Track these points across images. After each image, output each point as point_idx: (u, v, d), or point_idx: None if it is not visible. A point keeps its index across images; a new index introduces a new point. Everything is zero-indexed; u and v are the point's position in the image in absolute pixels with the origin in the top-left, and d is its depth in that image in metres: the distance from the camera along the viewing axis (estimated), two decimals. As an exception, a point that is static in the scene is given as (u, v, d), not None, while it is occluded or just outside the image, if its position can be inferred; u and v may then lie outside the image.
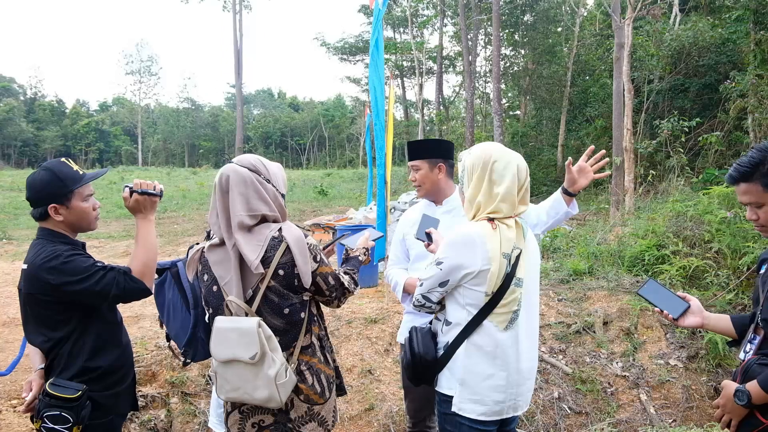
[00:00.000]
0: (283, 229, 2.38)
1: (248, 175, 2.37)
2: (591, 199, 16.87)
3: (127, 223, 16.96)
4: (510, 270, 2.36)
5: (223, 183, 2.37)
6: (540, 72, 26.08)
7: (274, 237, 2.34)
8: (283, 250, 2.32)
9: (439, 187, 3.33)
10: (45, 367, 2.50)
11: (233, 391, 2.33)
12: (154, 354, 5.32)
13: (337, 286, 2.51)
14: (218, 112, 75.55)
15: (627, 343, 5.71)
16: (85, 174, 2.57)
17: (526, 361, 2.46)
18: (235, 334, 2.27)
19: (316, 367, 2.44)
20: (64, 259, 2.35)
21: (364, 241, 3.04)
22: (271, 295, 2.33)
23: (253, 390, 2.28)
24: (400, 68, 38.76)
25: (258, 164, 2.43)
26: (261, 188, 2.38)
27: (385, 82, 7.86)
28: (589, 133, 22.08)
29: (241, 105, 40.90)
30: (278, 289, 2.33)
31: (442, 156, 3.33)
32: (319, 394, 2.43)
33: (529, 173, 2.53)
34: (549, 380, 5.29)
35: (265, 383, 2.25)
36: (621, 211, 11.77)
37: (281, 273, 2.33)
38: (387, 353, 5.72)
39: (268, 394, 2.25)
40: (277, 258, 2.31)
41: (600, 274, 7.27)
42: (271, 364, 2.25)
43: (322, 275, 2.44)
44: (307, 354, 2.43)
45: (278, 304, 2.34)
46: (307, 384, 2.40)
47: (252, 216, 2.34)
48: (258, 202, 2.36)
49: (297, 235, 2.37)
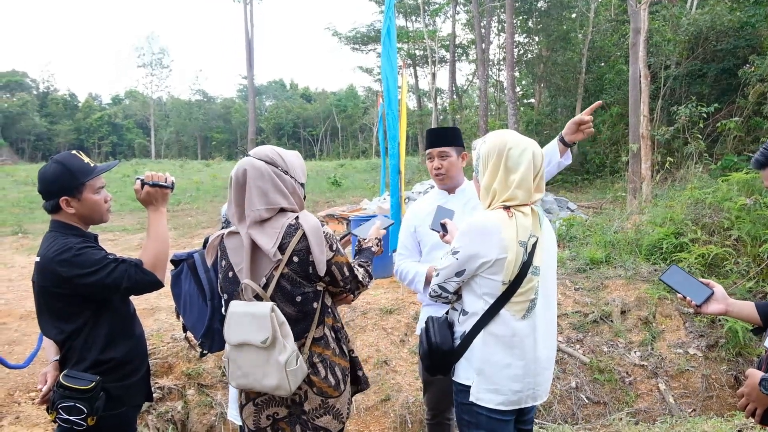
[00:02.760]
0: (300, 217, 2.39)
1: (265, 168, 2.37)
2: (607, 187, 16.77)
3: (141, 216, 17.05)
4: (527, 258, 2.34)
5: (240, 177, 2.37)
6: (554, 59, 25.87)
7: (290, 224, 2.35)
8: (299, 237, 2.32)
9: (459, 176, 3.32)
10: (59, 359, 2.52)
11: (243, 377, 2.33)
12: (170, 346, 5.35)
13: (351, 278, 2.50)
14: (230, 104, 75.73)
15: (645, 332, 5.67)
16: (96, 166, 2.58)
17: (544, 350, 2.45)
18: (248, 318, 2.27)
19: (329, 359, 2.43)
20: (76, 252, 2.37)
21: (375, 230, 3.02)
22: (284, 282, 2.33)
23: (263, 376, 2.27)
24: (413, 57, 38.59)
25: (275, 156, 2.43)
26: (279, 181, 2.38)
27: (398, 72, 7.83)
28: (605, 120, 21.89)
29: (253, 96, 41.01)
30: (292, 276, 2.33)
31: (463, 145, 3.33)
32: (333, 386, 2.42)
33: (544, 160, 2.50)
34: (566, 370, 5.27)
35: (275, 369, 2.24)
36: (638, 198, 11.68)
37: (296, 260, 2.32)
38: (403, 344, 5.72)
39: (278, 380, 2.25)
40: (292, 244, 2.31)
41: (617, 262, 7.22)
42: (282, 349, 2.25)
43: (337, 265, 2.43)
44: (320, 345, 2.42)
45: (291, 291, 2.34)
46: (320, 377, 2.39)
47: (270, 209, 2.35)
48: (276, 195, 2.37)
49: (313, 222, 2.38)
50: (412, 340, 5.70)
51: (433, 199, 3.36)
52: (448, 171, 3.27)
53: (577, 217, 11.09)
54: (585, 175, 22.15)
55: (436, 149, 3.30)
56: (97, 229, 2.78)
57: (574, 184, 21.52)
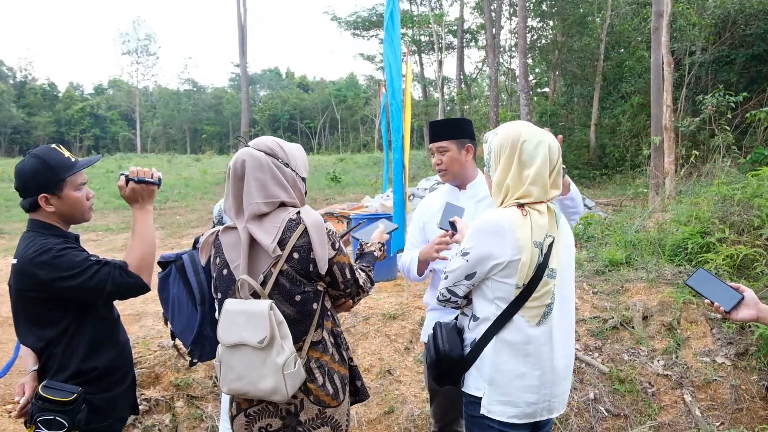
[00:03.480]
0: (301, 212, 2.40)
1: (265, 160, 2.39)
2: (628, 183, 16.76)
3: (126, 214, 17.07)
4: (542, 260, 2.34)
5: (238, 168, 2.39)
6: (570, 45, 25.83)
7: (291, 219, 2.37)
8: (300, 233, 2.34)
9: (466, 171, 3.29)
10: (38, 369, 2.51)
11: (237, 380, 2.33)
12: (158, 354, 5.35)
13: (353, 281, 2.51)
14: (222, 94, 75.96)
15: (669, 339, 5.65)
16: (77, 161, 2.57)
17: (561, 359, 2.44)
18: (245, 317, 2.28)
19: (328, 366, 2.43)
20: (56, 253, 2.36)
21: (378, 235, 3.03)
22: (283, 280, 2.34)
23: (259, 379, 2.28)
24: (418, 43, 38.57)
25: (275, 147, 2.45)
26: (279, 173, 2.40)
27: (402, 59, 7.81)
28: (624, 110, 21.87)
29: (246, 86, 40.97)
30: (291, 274, 2.34)
31: (468, 136, 3.29)
32: (331, 395, 2.41)
33: (561, 154, 2.49)
34: (584, 380, 5.26)
35: (272, 371, 2.25)
36: (661, 195, 11.65)
37: (296, 256, 2.33)
38: (407, 352, 5.71)
39: (274, 383, 2.25)
40: (293, 240, 2.33)
41: (639, 264, 7.20)
42: (280, 350, 2.25)
43: (339, 265, 2.44)
44: (318, 350, 2.42)
45: (289, 290, 2.35)
46: (317, 384, 2.39)
47: (269, 203, 2.37)
48: (276, 188, 2.38)
49: (316, 218, 2.39)
50: (418, 347, 5.69)
51: (444, 195, 3.35)
52: (448, 166, 3.25)
53: (596, 215, 11.08)
54: (603, 170, 22.12)
55: (434, 144, 3.29)
56: (79, 228, 2.78)
57: (591, 180, 21.49)
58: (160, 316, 2.89)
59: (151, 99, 76.52)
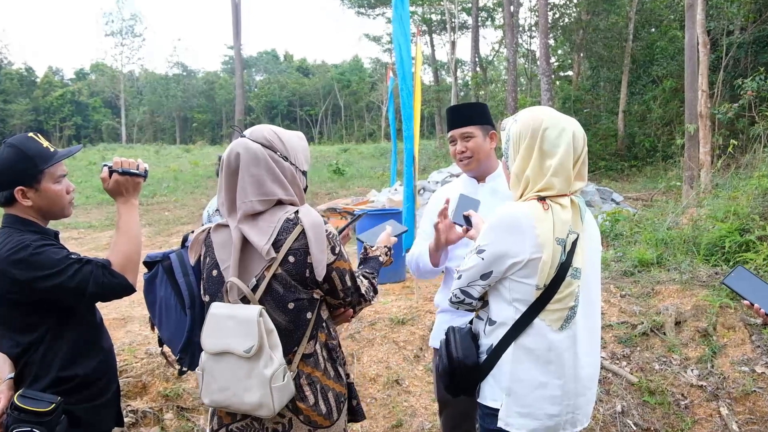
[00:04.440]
0: (300, 211, 2.38)
1: (262, 153, 2.37)
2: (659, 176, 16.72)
3: (110, 210, 17.12)
4: (565, 258, 2.33)
5: (232, 161, 2.37)
6: (596, 24, 25.78)
7: (288, 219, 2.35)
8: (297, 234, 2.32)
9: (490, 161, 3.29)
10: (14, 377, 2.51)
11: (220, 392, 2.32)
12: (145, 362, 5.36)
13: (353, 289, 2.49)
14: (214, 78, 76.08)
15: (704, 346, 5.64)
16: (56, 151, 2.58)
17: (585, 367, 2.43)
18: (232, 323, 2.27)
19: (321, 383, 2.41)
20: (33, 251, 2.36)
21: (385, 238, 3.01)
22: (276, 285, 2.33)
23: (244, 391, 2.26)
24: (429, 23, 38.58)
25: (273, 138, 2.43)
26: (276, 168, 2.38)
27: (411, 40, 7.81)
28: (655, 96, 21.84)
29: (240, 70, 41.07)
30: (285, 278, 2.32)
31: (491, 123, 3.29)
32: (324, 415, 2.40)
33: (586, 143, 2.48)
34: (610, 391, 5.25)
35: (259, 383, 2.23)
36: (695, 188, 11.63)
37: (291, 260, 2.32)
38: (417, 360, 5.72)
39: (260, 397, 2.23)
40: (289, 242, 2.31)
41: (671, 264, 7.19)
42: (268, 361, 2.23)
43: (338, 271, 2.42)
44: (309, 365, 2.40)
45: (283, 296, 2.33)
46: (308, 403, 2.37)
47: (264, 201, 2.36)
48: (272, 185, 2.37)
49: (315, 219, 2.37)
50: (428, 355, 5.70)
51: (462, 186, 3.34)
52: (474, 153, 3.23)
53: (624, 210, 11.06)
54: (632, 161, 22.10)
55: (458, 130, 3.26)
56: (59, 225, 2.79)
57: (619, 172, 21.47)
58: (147, 321, 2.89)
59: (137, 84, 76.73)
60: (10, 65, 74.22)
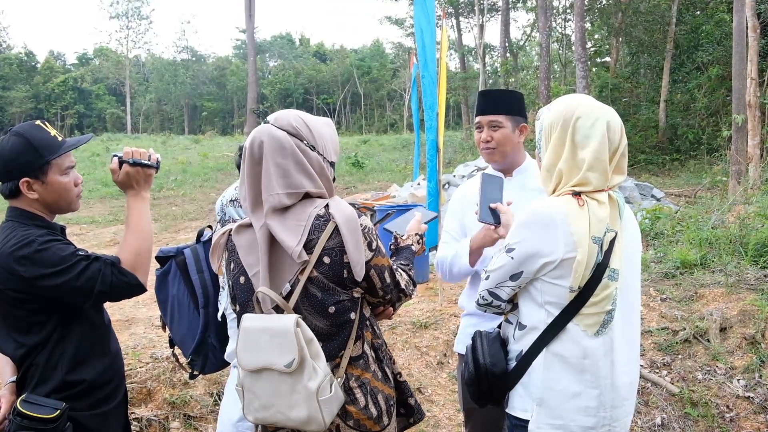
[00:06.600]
0: (330, 205, 2.33)
1: (288, 141, 2.31)
2: (704, 170, 16.59)
3: (114, 204, 17.27)
4: (602, 258, 2.32)
5: (255, 150, 2.32)
6: (636, 6, 25.58)
7: (319, 215, 2.30)
8: (330, 232, 2.27)
9: (518, 154, 3.28)
10: (17, 380, 2.53)
11: (264, 409, 2.28)
12: (150, 367, 5.40)
13: (393, 285, 2.46)
14: (225, 64, 76.23)
15: (751, 355, 5.61)
16: (64, 141, 2.58)
17: (623, 376, 2.42)
18: (267, 336, 2.22)
19: (370, 384, 2.38)
20: (39, 246, 2.37)
21: (416, 225, 2.94)
22: (313, 289, 2.29)
23: (289, 408, 2.22)
24: (455, 5, 38.44)
25: (300, 126, 2.36)
26: (303, 158, 2.32)
27: (436, 24, 7.81)
28: (700, 84, 21.65)
29: (253, 55, 41.20)
30: (322, 281, 2.28)
31: (524, 114, 3.28)
32: (374, 419, 2.36)
33: (624, 133, 2.47)
34: (650, 402, 5.24)
35: (304, 399, 2.19)
36: (743, 184, 11.54)
37: (327, 261, 2.27)
38: (441, 367, 5.73)
39: (308, 413, 2.19)
40: (322, 241, 2.26)
41: (716, 266, 7.15)
42: (311, 374, 2.19)
43: (377, 268, 2.38)
44: (358, 367, 2.37)
45: (321, 300, 2.29)
46: (358, 406, 2.33)
47: (292, 194, 2.30)
48: (300, 177, 2.31)
49: (348, 213, 2.32)
50: (453, 361, 5.70)
51: None
52: (499, 145, 3.20)
53: (665, 207, 11.00)
54: (675, 154, 21.94)
55: (486, 117, 3.23)
56: (61, 220, 2.81)
57: (660, 167, 21.33)
58: (153, 323, 2.92)
59: (143, 70, 77.09)
60: (10, 49, 74.86)
